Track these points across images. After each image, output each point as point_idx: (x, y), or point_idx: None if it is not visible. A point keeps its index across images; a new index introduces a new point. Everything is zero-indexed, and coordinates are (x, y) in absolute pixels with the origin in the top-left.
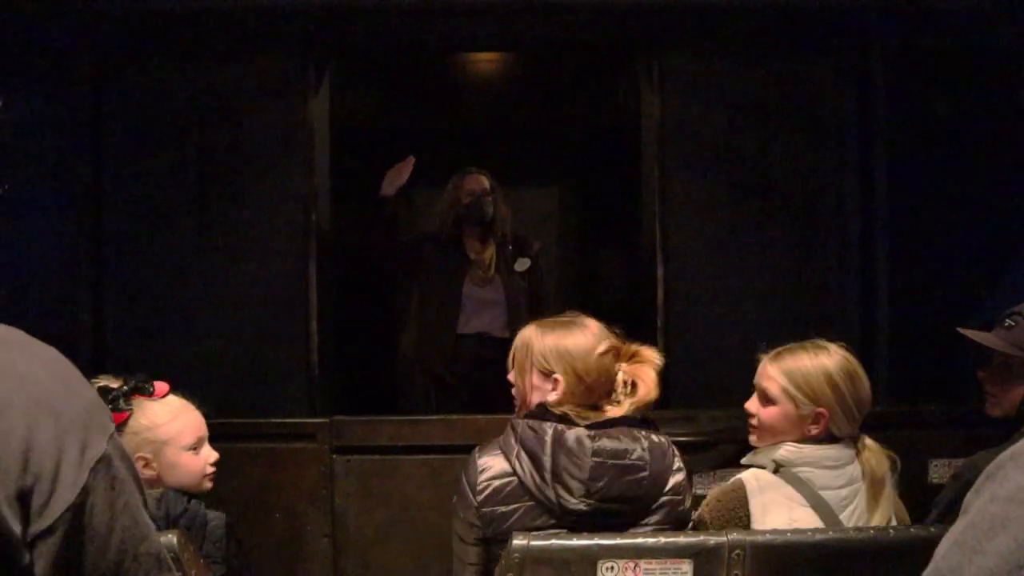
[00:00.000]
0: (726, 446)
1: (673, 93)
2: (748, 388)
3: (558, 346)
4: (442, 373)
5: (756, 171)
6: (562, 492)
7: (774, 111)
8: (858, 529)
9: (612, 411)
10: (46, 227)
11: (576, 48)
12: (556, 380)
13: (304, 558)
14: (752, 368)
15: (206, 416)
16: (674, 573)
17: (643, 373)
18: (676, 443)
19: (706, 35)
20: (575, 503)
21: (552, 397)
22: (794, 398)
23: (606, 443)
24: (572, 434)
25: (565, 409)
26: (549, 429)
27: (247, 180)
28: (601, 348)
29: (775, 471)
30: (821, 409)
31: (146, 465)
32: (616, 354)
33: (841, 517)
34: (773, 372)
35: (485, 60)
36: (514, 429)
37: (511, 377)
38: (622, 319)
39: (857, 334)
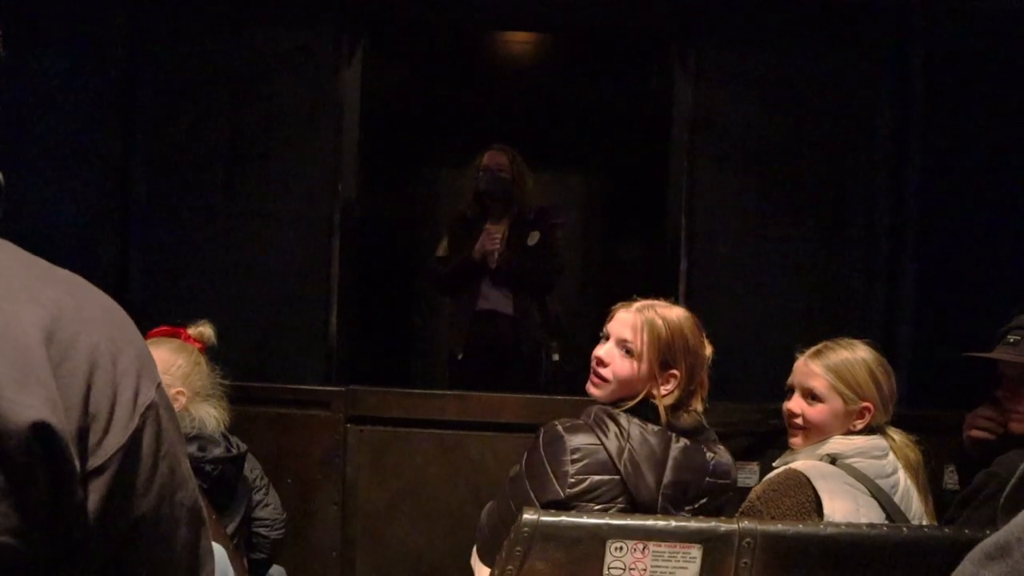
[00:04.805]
0: (741, 439)
1: (707, 83)
2: (767, 382)
3: (688, 342)
4: (457, 350)
5: (786, 166)
6: (643, 489)
7: (808, 106)
8: (871, 525)
9: (687, 418)
10: (73, 190)
11: (611, 33)
12: (674, 375)
13: (313, 525)
14: (772, 362)
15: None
16: (683, 557)
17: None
18: None
19: (743, 26)
20: (654, 501)
21: (663, 391)
22: (842, 394)
23: (691, 451)
24: (665, 437)
25: (669, 401)
26: (649, 430)
27: (275, 148)
28: (710, 350)
29: (832, 463)
30: (867, 403)
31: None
32: None
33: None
34: (817, 369)
35: (519, 41)
36: (615, 419)
37: (613, 352)
38: None
39: (879, 335)
